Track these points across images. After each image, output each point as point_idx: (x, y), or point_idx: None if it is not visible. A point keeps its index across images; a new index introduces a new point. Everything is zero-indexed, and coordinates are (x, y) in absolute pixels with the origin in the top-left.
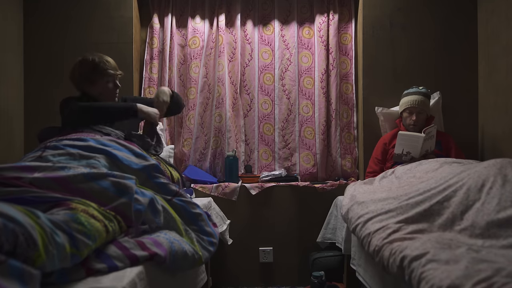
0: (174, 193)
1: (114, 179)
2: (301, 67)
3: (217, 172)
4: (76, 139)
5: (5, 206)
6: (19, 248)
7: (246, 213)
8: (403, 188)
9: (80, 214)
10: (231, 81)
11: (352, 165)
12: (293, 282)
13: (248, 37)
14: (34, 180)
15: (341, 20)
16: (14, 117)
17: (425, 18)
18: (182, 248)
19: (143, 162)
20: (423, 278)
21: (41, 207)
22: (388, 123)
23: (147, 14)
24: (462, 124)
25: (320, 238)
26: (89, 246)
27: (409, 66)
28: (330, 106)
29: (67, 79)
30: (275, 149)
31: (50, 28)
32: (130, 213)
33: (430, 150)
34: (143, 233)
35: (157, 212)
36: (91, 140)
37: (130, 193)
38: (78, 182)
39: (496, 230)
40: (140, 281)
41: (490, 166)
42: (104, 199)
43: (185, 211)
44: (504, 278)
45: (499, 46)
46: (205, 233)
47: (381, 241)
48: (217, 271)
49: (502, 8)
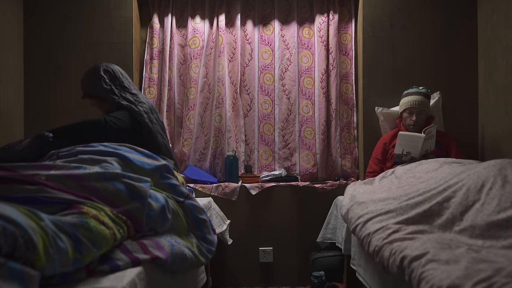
0: (186, 196)
1: (128, 181)
2: (301, 67)
3: (217, 172)
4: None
5: (6, 207)
6: (17, 251)
7: (246, 213)
8: (403, 188)
9: (90, 220)
10: (231, 81)
11: (352, 165)
12: (293, 282)
13: (248, 37)
14: (50, 176)
15: (341, 20)
16: (14, 117)
17: (425, 18)
18: (182, 251)
19: (155, 162)
20: (423, 278)
21: (53, 208)
22: (388, 123)
23: (147, 14)
24: (462, 124)
25: (320, 238)
26: (93, 253)
27: (409, 66)
28: (330, 106)
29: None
30: (275, 149)
31: (50, 28)
32: (142, 218)
33: (430, 150)
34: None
35: (166, 219)
36: (100, 145)
37: (144, 197)
38: (93, 180)
39: (496, 230)
40: (140, 281)
41: (490, 167)
42: (118, 200)
43: (192, 216)
44: (504, 278)
45: (499, 46)
46: (206, 240)
47: (381, 241)
48: (217, 271)
49: (502, 8)
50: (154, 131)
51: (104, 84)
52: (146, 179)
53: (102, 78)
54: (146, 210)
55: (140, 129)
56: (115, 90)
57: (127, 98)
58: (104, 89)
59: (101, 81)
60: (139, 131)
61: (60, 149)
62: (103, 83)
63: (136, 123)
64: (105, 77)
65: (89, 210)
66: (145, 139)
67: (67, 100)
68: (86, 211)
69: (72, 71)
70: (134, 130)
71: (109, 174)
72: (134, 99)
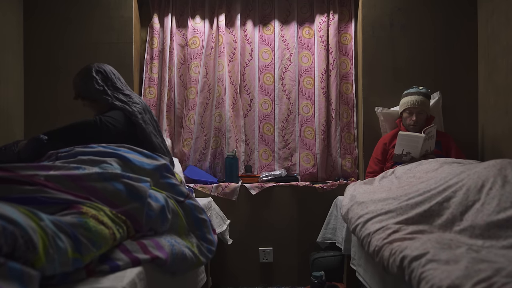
0: (186, 195)
1: (128, 181)
2: (301, 67)
3: (217, 172)
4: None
5: (6, 207)
6: (17, 251)
7: (246, 213)
8: (403, 188)
9: (89, 220)
10: (231, 81)
11: (352, 165)
12: (293, 282)
13: (248, 37)
14: (49, 177)
15: (341, 20)
16: (14, 117)
17: (425, 18)
18: (182, 251)
19: (154, 162)
20: (423, 278)
21: (52, 208)
22: (388, 123)
23: (147, 14)
24: (462, 124)
25: (320, 238)
26: (93, 252)
27: (409, 66)
28: (330, 106)
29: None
30: (275, 149)
31: (50, 28)
32: (142, 218)
33: (430, 150)
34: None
35: (166, 219)
36: (100, 146)
37: (144, 197)
38: (92, 181)
39: (496, 230)
40: (140, 281)
41: (490, 167)
42: (117, 200)
43: (192, 215)
44: (504, 278)
45: (499, 46)
46: (206, 240)
47: (381, 241)
48: (217, 271)
49: (502, 8)
50: (147, 132)
51: (97, 85)
52: (146, 179)
53: (94, 79)
54: (145, 210)
55: (134, 129)
56: (108, 91)
57: (120, 99)
58: (97, 90)
59: (93, 82)
60: (133, 131)
61: (59, 150)
62: (96, 84)
63: (130, 123)
64: (97, 78)
65: (88, 210)
66: (139, 138)
67: (67, 100)
68: (85, 211)
69: (72, 71)
70: (129, 130)
71: (108, 174)
72: (128, 99)
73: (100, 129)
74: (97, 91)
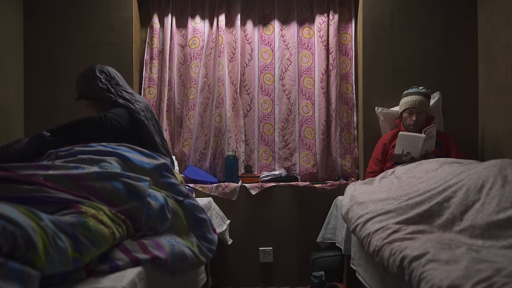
0: (185, 195)
1: (127, 181)
2: (301, 67)
3: (217, 172)
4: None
5: (6, 207)
6: (17, 251)
7: (246, 213)
8: (403, 188)
9: (89, 219)
10: (231, 81)
11: (352, 165)
12: (293, 282)
13: (248, 37)
14: (48, 176)
15: (341, 20)
16: (14, 116)
17: (425, 18)
18: (182, 251)
19: (154, 161)
20: (423, 278)
21: (52, 208)
22: (388, 123)
23: (147, 14)
24: (462, 124)
25: (320, 238)
26: (93, 252)
27: (409, 66)
28: (330, 106)
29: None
30: (275, 149)
31: (50, 28)
32: (141, 217)
33: (430, 150)
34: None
35: (166, 219)
36: (99, 145)
37: (143, 196)
38: (91, 180)
39: (496, 230)
40: (140, 281)
41: (490, 167)
42: (117, 199)
43: (192, 215)
44: (504, 278)
45: (499, 46)
46: (206, 239)
47: (381, 241)
48: (217, 271)
49: (502, 8)
50: (150, 129)
51: (100, 84)
52: (145, 178)
53: (98, 78)
54: (145, 209)
55: (136, 126)
56: (111, 89)
57: (123, 97)
58: (100, 88)
59: (97, 81)
60: (135, 129)
61: (59, 149)
62: (99, 82)
63: (133, 121)
64: (100, 77)
65: (88, 210)
66: (141, 137)
67: (67, 100)
68: (84, 210)
69: (72, 71)
70: (132, 127)
71: (107, 173)
72: (131, 97)
73: (105, 125)
74: (101, 89)
